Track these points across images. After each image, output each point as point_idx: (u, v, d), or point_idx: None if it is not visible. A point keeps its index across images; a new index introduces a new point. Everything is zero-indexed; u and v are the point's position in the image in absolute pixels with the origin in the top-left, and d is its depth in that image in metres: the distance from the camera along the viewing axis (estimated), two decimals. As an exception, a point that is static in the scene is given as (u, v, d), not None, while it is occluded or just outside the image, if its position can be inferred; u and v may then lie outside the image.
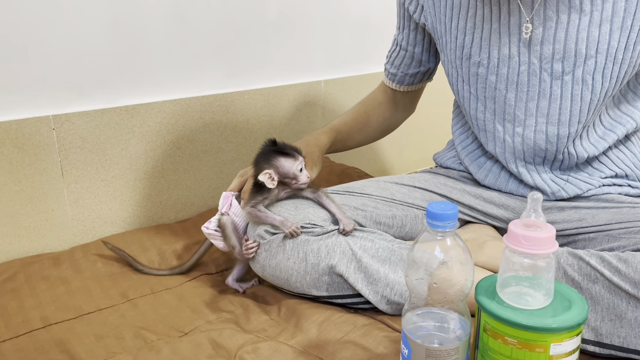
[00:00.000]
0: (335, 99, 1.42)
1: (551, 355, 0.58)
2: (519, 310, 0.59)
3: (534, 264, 0.60)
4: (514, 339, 0.58)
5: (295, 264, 0.83)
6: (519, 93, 0.85)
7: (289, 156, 0.85)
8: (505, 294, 0.62)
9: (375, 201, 0.93)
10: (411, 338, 0.61)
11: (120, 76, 1.09)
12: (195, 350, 0.75)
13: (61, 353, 0.76)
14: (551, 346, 0.57)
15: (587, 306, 0.60)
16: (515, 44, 0.83)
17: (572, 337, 0.58)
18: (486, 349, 0.61)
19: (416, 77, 1.07)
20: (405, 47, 1.03)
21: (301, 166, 0.86)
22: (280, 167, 0.85)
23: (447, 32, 0.91)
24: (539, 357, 0.58)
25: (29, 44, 0.99)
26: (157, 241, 1.07)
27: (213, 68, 1.21)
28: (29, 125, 1.00)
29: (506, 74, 0.85)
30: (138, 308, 0.87)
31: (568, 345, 0.58)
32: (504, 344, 0.59)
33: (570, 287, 0.64)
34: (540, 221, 0.60)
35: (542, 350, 0.57)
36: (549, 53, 0.81)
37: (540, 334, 0.57)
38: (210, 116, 1.21)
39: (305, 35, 1.33)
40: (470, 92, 0.91)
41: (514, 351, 0.58)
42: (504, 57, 0.85)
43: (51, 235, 1.07)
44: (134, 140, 1.12)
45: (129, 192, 1.14)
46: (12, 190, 1.01)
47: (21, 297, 0.89)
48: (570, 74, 0.81)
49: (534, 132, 0.86)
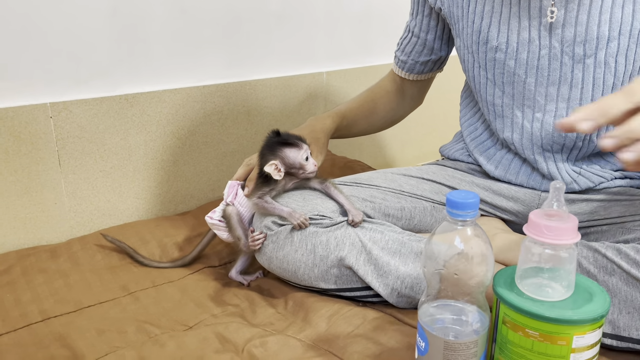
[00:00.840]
0: (337, 91, 1.40)
1: (573, 347, 0.56)
2: (540, 302, 0.58)
3: (556, 254, 0.58)
4: (536, 332, 0.56)
5: (304, 256, 0.81)
6: (539, 78, 0.83)
7: (294, 146, 0.83)
8: (524, 285, 0.60)
9: (383, 193, 0.91)
10: (429, 331, 0.59)
11: (120, 64, 1.07)
12: (202, 344, 0.73)
13: (62, 348, 0.73)
14: (574, 338, 0.56)
15: (608, 298, 0.59)
16: (535, 27, 0.81)
17: (594, 329, 0.56)
18: (505, 342, 0.60)
19: (426, 66, 1.05)
20: (418, 33, 1.01)
21: (307, 155, 0.84)
22: (286, 157, 0.83)
23: (464, 16, 0.89)
24: (561, 350, 0.56)
25: (27, 30, 0.96)
26: (157, 233, 1.04)
27: (214, 58, 1.18)
28: (26, 113, 0.97)
29: (526, 58, 0.83)
30: (140, 301, 0.85)
31: (590, 337, 0.56)
32: (525, 337, 0.57)
33: (589, 279, 0.63)
34: (562, 211, 0.58)
35: (564, 342, 0.56)
36: (571, 36, 0.79)
37: (563, 326, 0.55)
38: (211, 106, 1.18)
39: (308, 26, 1.31)
40: (487, 77, 0.89)
41: (535, 344, 0.57)
42: (523, 41, 0.83)
43: (47, 227, 1.04)
44: (133, 130, 1.09)
45: (128, 183, 1.11)
46: (8, 180, 0.98)
47: (18, 291, 0.86)
48: (592, 57, 0.79)
49: (554, 118, 0.85)
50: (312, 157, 0.85)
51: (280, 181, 0.85)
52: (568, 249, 0.58)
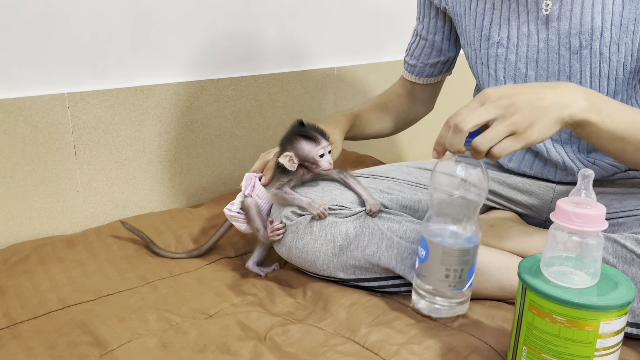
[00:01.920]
0: (347, 86, 1.41)
1: (600, 333, 0.57)
2: (566, 289, 0.58)
3: (583, 242, 0.59)
4: (563, 317, 0.57)
5: (323, 245, 0.81)
6: (539, 70, 0.86)
7: (311, 140, 0.83)
8: (550, 273, 0.61)
9: (400, 185, 0.92)
10: (429, 239, 0.69)
11: (136, 55, 1.07)
12: (224, 331, 0.73)
13: (84, 334, 0.73)
14: (601, 324, 0.56)
15: (634, 285, 0.59)
16: (533, 21, 0.84)
17: (620, 315, 0.57)
18: (531, 327, 0.60)
19: (436, 68, 1.06)
20: (425, 36, 1.03)
21: (323, 152, 0.83)
22: (301, 150, 0.83)
23: (467, 14, 0.91)
24: (588, 336, 0.57)
25: (45, 19, 0.96)
26: (172, 225, 1.04)
27: (228, 51, 1.18)
28: (43, 102, 0.97)
29: (525, 52, 0.86)
30: (158, 291, 0.85)
31: (617, 324, 0.57)
32: (552, 323, 0.58)
33: (613, 268, 0.63)
34: (590, 199, 0.59)
35: (591, 328, 0.57)
36: (567, 28, 0.81)
37: (590, 311, 0.56)
38: (224, 100, 1.18)
39: (320, 21, 1.32)
40: (489, 73, 0.91)
41: (562, 330, 0.58)
42: (522, 36, 0.85)
43: (62, 218, 1.04)
44: (148, 122, 1.09)
45: (142, 175, 1.11)
46: (24, 169, 0.98)
47: (36, 279, 0.86)
48: (588, 47, 0.81)
49: None
50: (329, 155, 0.85)
51: (298, 171, 0.85)
52: (595, 237, 0.59)
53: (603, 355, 0.57)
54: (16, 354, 0.70)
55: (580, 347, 0.57)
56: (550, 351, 0.58)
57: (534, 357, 0.60)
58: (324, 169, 0.84)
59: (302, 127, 0.85)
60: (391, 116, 1.11)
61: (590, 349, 0.57)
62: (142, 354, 0.69)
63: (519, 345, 0.62)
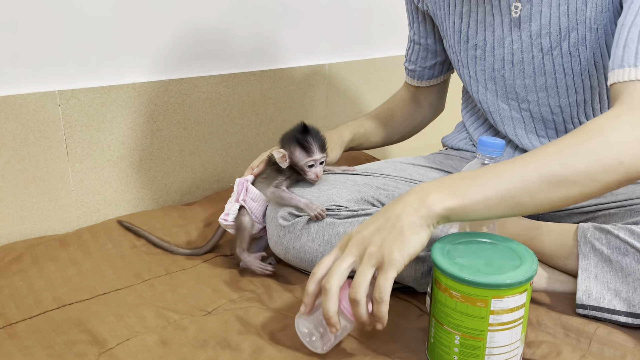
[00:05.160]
0: (339, 82, 1.41)
1: (492, 310, 0.60)
2: (463, 266, 0.61)
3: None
4: (458, 293, 0.61)
5: (321, 246, 0.82)
6: (515, 71, 0.87)
7: (305, 150, 0.84)
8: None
9: (395, 181, 0.92)
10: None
11: (128, 52, 1.06)
12: (224, 326, 0.73)
13: (82, 333, 0.73)
14: (492, 301, 0.60)
15: (535, 266, 0.62)
16: (506, 23, 0.85)
17: (514, 294, 0.60)
18: (436, 301, 0.64)
19: (435, 69, 1.07)
20: (418, 40, 1.04)
21: (313, 163, 0.84)
22: (293, 155, 0.85)
23: (446, 17, 0.93)
24: (481, 311, 0.60)
25: (35, 16, 0.95)
26: (166, 223, 1.04)
27: (220, 48, 1.18)
28: (34, 100, 0.96)
29: (502, 54, 0.87)
30: (155, 288, 0.85)
31: (510, 301, 0.60)
32: (450, 297, 0.62)
33: (526, 248, 0.65)
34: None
35: (483, 305, 0.60)
36: (537, 29, 0.83)
37: (480, 289, 0.60)
38: (216, 97, 1.18)
39: (312, 18, 1.32)
40: (470, 75, 0.93)
41: (458, 304, 0.61)
42: (498, 38, 0.87)
43: (55, 217, 1.03)
44: (140, 120, 1.08)
45: (135, 173, 1.11)
46: (15, 168, 0.97)
47: (30, 279, 0.86)
48: (558, 48, 0.83)
49: (538, 106, 0.89)
50: (320, 167, 0.85)
51: (288, 171, 0.86)
52: None
53: (498, 330, 0.61)
54: (13, 353, 0.69)
55: (475, 321, 0.61)
56: (450, 324, 0.62)
57: (439, 328, 0.64)
58: (309, 179, 0.86)
59: (305, 132, 0.85)
60: (397, 120, 1.11)
61: (484, 323, 0.61)
62: (142, 351, 0.69)
63: (430, 317, 0.66)
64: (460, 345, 0.62)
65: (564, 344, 0.69)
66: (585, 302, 0.73)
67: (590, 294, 0.73)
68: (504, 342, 0.62)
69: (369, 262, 0.62)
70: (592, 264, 0.74)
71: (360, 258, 0.62)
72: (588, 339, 0.70)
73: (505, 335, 0.61)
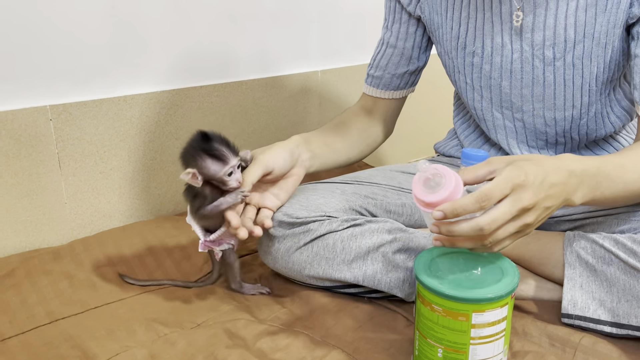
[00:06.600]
0: (331, 89, 1.41)
1: (473, 323, 0.61)
2: (444, 280, 0.62)
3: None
4: (439, 307, 0.61)
5: (309, 257, 0.82)
6: (513, 81, 0.87)
7: (218, 159, 0.75)
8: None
9: (384, 190, 0.93)
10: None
11: (118, 65, 1.07)
12: (212, 340, 0.74)
13: (72, 348, 0.74)
14: (473, 315, 0.60)
15: (516, 279, 0.62)
16: (507, 32, 0.84)
17: (494, 308, 0.61)
18: (419, 315, 0.65)
19: (403, 79, 1.00)
20: (394, 43, 0.98)
21: (232, 170, 0.76)
22: (206, 169, 0.75)
23: (444, 22, 0.91)
24: (462, 325, 0.61)
25: (25, 32, 0.96)
26: (159, 234, 1.05)
27: (211, 58, 1.19)
28: (26, 115, 0.97)
29: (500, 62, 0.87)
30: (146, 301, 0.85)
31: (491, 315, 0.61)
32: (432, 311, 0.62)
33: (509, 261, 0.66)
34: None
35: (464, 319, 0.61)
36: (540, 40, 0.82)
37: (460, 303, 0.60)
38: (208, 106, 1.19)
39: (303, 25, 1.32)
40: (466, 82, 0.92)
41: (440, 318, 0.62)
42: (497, 46, 0.86)
43: (49, 230, 1.04)
44: (132, 131, 1.09)
45: (128, 184, 1.12)
46: (9, 183, 0.98)
47: (23, 293, 0.87)
48: (562, 59, 0.82)
49: (532, 117, 0.88)
50: (239, 171, 0.77)
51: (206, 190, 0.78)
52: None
53: (480, 344, 0.62)
54: (5, 370, 0.70)
55: (457, 335, 0.61)
56: (433, 337, 0.63)
57: (423, 341, 0.65)
58: (233, 187, 0.77)
59: (207, 139, 0.76)
60: (354, 133, 1.00)
61: (466, 337, 0.61)
62: (130, 366, 0.70)
63: (415, 330, 0.67)
64: (443, 358, 0.63)
65: (549, 354, 0.70)
66: (570, 311, 0.74)
67: (575, 303, 0.74)
68: (486, 355, 0.62)
69: (518, 227, 0.61)
70: (577, 273, 0.75)
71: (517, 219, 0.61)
72: (573, 348, 0.70)
73: (488, 348, 0.62)
